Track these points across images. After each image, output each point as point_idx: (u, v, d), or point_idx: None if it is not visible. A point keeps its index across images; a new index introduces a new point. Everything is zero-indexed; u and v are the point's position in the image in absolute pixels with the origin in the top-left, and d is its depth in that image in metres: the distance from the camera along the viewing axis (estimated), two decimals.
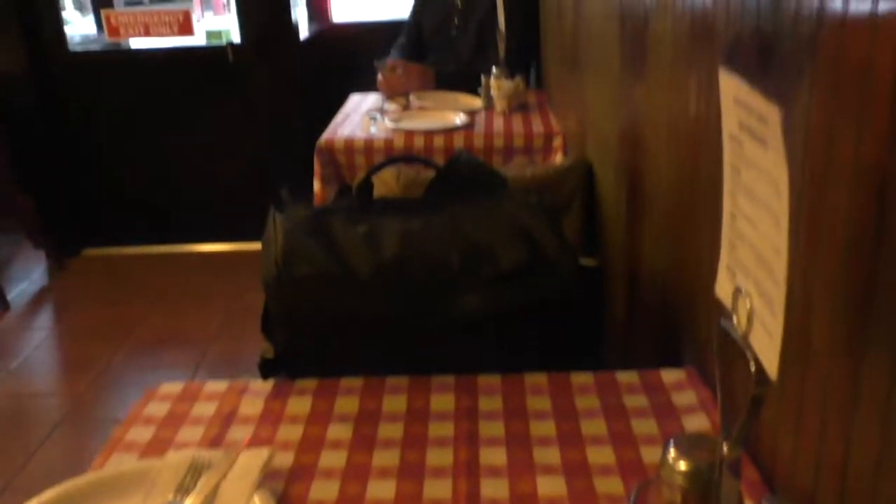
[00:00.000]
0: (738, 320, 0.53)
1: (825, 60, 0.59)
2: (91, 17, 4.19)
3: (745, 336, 0.52)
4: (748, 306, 0.51)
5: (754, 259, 0.51)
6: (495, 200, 1.02)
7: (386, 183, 1.44)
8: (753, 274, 0.51)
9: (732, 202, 0.53)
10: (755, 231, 0.50)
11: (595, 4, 1.66)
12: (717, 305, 0.58)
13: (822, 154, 0.60)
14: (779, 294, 0.46)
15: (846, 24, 0.56)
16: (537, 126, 2.21)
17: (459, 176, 1.12)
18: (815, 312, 0.64)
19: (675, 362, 1.04)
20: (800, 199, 0.61)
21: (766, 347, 0.48)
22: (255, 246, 3.27)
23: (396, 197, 1.27)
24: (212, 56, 3.36)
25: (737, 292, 0.53)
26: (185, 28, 3.25)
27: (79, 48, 3.57)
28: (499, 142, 2.14)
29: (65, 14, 3.52)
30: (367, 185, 1.10)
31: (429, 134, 2.15)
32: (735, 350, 0.53)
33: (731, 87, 0.49)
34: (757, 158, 0.47)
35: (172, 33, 3.26)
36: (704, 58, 0.93)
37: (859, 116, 0.55)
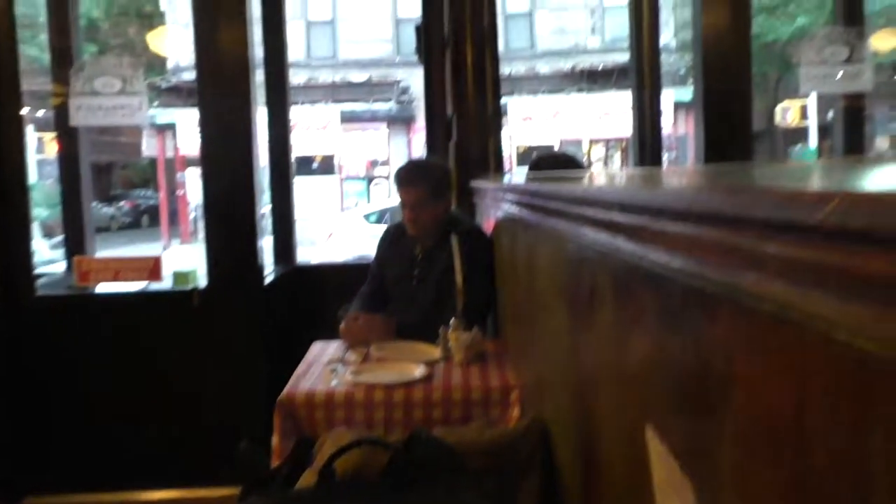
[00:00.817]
0: None
1: (739, 403, 0.66)
2: (58, 239, 4.30)
3: None
4: None
5: None
6: (453, 490, 1.05)
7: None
8: None
9: None
10: None
11: (544, 276, 1.80)
12: None
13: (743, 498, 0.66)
14: None
15: (754, 367, 0.65)
16: (494, 379, 2.28)
17: (418, 457, 1.16)
18: None
19: None
20: None
21: None
22: (211, 492, 3.19)
23: (356, 475, 1.28)
24: (177, 300, 3.45)
25: None
26: (155, 274, 3.37)
27: (45, 291, 3.64)
28: (457, 395, 2.19)
29: (33, 243, 3.59)
30: (328, 469, 1.12)
31: (389, 388, 2.20)
32: None
33: (656, 446, 0.56)
34: None
35: (141, 279, 3.37)
36: (646, 334, 1.01)
37: (772, 463, 0.62)
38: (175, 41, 7.80)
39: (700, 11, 3.55)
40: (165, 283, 3.53)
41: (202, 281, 3.54)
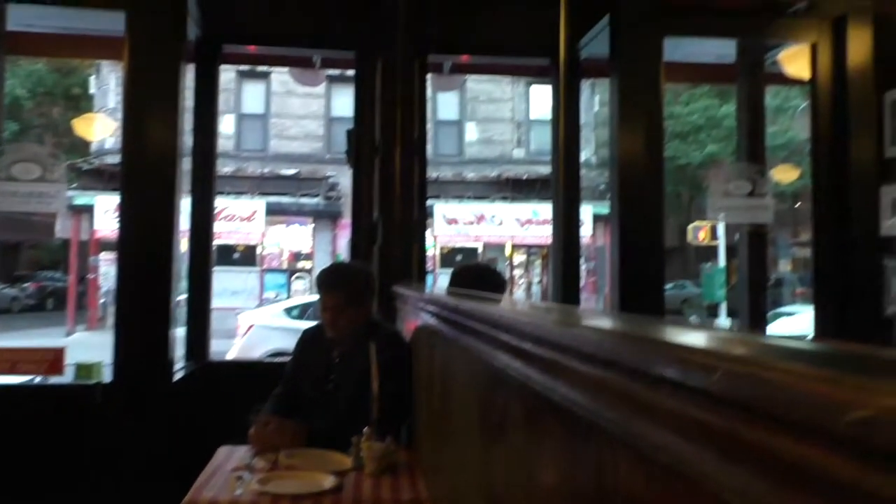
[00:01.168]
0: None
1: None
2: None
3: None
4: None
5: None
6: None
7: None
8: None
9: None
10: None
11: (458, 391, 1.81)
12: None
13: None
14: None
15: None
16: (406, 492, 2.23)
17: None
18: None
19: None
20: None
21: None
22: None
23: None
24: (78, 395, 3.27)
25: None
26: (55, 367, 3.21)
27: None
28: None
29: None
30: None
31: (296, 499, 2.13)
32: None
33: None
34: None
35: (41, 372, 3.20)
36: (553, 465, 1.03)
37: None
38: (101, 126, 7.72)
39: (616, 134, 3.76)
40: (67, 376, 3.37)
41: (107, 374, 3.38)
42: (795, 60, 4.08)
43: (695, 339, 0.59)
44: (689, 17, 3.72)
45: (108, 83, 17.11)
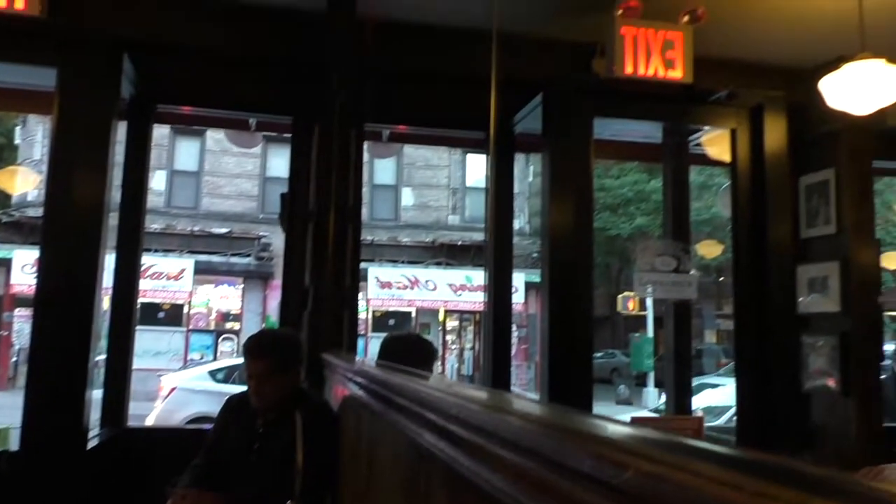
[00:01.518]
0: None
1: None
2: None
3: None
4: None
5: None
6: None
7: None
8: None
9: None
10: None
11: (384, 466, 1.78)
12: None
13: None
14: None
15: None
16: None
17: None
18: None
19: None
20: None
21: None
22: None
23: None
24: None
25: None
26: None
27: None
28: None
29: None
30: None
31: None
32: None
33: None
34: None
35: None
36: None
37: None
38: (24, 180, 7.51)
39: (548, 206, 3.86)
40: None
41: (15, 441, 3.20)
42: (717, 144, 4.30)
43: (613, 433, 0.61)
44: (618, 100, 3.89)
45: (34, 134, 16.68)
